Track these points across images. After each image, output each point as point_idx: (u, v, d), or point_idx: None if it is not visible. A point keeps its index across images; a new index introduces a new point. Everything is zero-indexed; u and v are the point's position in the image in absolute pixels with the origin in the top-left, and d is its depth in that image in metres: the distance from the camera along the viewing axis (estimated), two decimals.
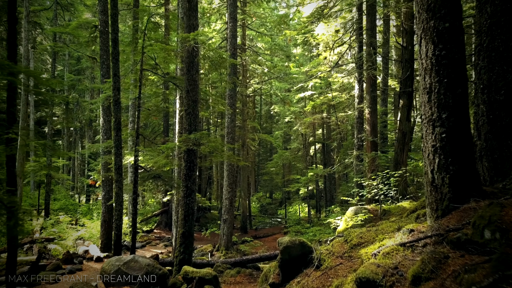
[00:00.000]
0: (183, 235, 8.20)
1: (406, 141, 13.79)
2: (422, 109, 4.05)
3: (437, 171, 3.84)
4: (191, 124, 8.51)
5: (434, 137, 3.85)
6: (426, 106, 3.94)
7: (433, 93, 3.85)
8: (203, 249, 15.27)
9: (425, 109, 3.97)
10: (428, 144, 3.94)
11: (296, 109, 26.01)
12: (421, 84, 4.05)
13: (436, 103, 3.81)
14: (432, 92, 3.85)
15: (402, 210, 9.51)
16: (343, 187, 19.94)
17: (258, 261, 9.70)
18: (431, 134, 3.89)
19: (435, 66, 3.82)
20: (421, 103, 4.08)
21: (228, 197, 15.76)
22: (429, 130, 3.91)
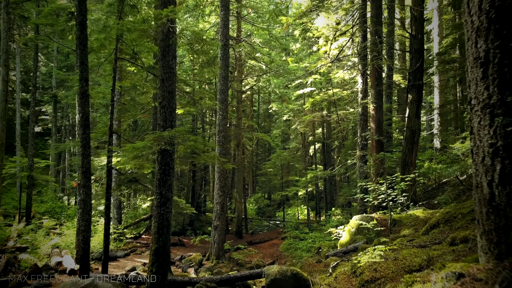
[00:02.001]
0: (156, 252, 6.85)
1: (415, 140, 12.44)
2: (472, 90, 2.71)
3: (499, 184, 2.50)
4: (166, 119, 7.18)
5: (493, 132, 2.51)
6: (479, 86, 2.60)
7: (491, 64, 2.51)
8: (191, 259, 13.93)
9: (476, 90, 2.63)
10: (483, 142, 2.60)
11: (295, 106, 24.67)
12: (470, 53, 2.72)
13: (497, 80, 2.47)
14: (490, 63, 2.51)
15: (415, 220, 8.17)
16: (345, 189, 18.62)
17: (248, 279, 8.37)
18: (487, 127, 2.55)
19: (494, 23, 2.48)
20: (470, 81, 2.74)
21: (219, 202, 14.42)
22: (485, 120, 2.57)
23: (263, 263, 15.07)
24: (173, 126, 7.21)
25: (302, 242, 17.53)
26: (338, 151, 26.95)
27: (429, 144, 23.41)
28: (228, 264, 14.22)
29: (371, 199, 9.57)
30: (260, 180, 35.80)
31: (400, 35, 20.89)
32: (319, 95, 21.40)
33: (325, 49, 18.64)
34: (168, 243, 7.04)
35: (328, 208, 24.81)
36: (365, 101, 13.16)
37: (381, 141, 12.63)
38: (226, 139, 14.53)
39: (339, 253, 7.93)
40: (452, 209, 5.78)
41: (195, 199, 26.37)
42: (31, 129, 20.00)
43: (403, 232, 7.66)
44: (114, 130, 9.73)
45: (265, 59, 22.24)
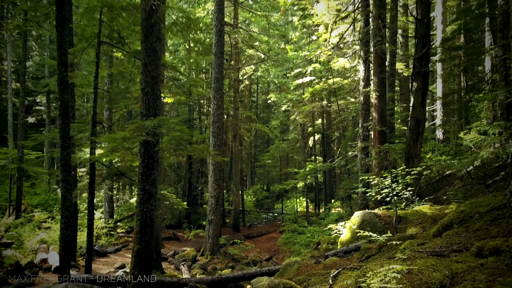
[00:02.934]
0: (139, 253, 6.24)
1: (420, 130, 11.77)
2: None
3: None
4: (150, 107, 6.50)
5: None
6: None
7: None
8: (185, 254, 13.36)
9: None
10: None
11: (294, 96, 23.91)
12: None
13: None
14: None
15: (422, 217, 7.53)
16: (345, 182, 18.00)
17: (241, 280, 7.78)
18: None
19: None
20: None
21: (214, 195, 13.81)
22: None
23: (260, 258, 14.53)
24: (157, 115, 6.54)
25: (301, 236, 16.99)
26: (338, 142, 26.30)
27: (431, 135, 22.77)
28: (223, 260, 13.68)
29: (374, 194, 8.94)
30: (259, 172, 35.21)
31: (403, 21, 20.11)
32: (319, 84, 20.66)
33: (325, 36, 17.87)
34: (151, 243, 6.42)
35: (327, 200, 24.23)
36: (367, 89, 12.46)
37: (384, 131, 11.96)
38: (221, 130, 13.86)
39: (340, 253, 7.32)
40: (467, 207, 5.14)
41: (191, 191, 25.79)
42: (21, 119, 19.31)
43: (410, 231, 7.04)
44: (98, 120, 9.07)
45: (263, 47, 21.47)
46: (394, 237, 6.58)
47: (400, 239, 6.31)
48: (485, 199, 5.12)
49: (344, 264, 6.50)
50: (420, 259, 3.46)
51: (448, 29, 17.52)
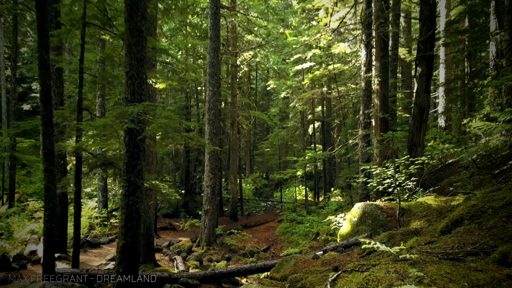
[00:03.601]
0: (124, 249, 5.82)
1: (424, 117, 11.30)
2: None
3: None
4: (134, 92, 6.00)
5: None
6: None
7: None
8: (180, 245, 13.01)
9: None
10: None
11: (293, 83, 23.32)
12: None
13: None
14: None
15: (426, 210, 7.11)
16: (345, 171, 17.58)
17: (235, 275, 7.40)
18: None
19: None
20: None
21: (210, 185, 13.39)
22: None
23: (257, 249, 14.20)
24: (143, 100, 6.05)
25: (299, 226, 16.65)
26: (338, 130, 25.82)
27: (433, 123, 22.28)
28: (220, 251, 13.34)
29: (375, 184, 8.50)
30: (258, 160, 34.79)
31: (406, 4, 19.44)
32: (319, 70, 20.07)
33: (325, 21, 17.26)
34: (138, 239, 6.00)
35: (327, 189, 23.87)
36: (369, 75, 11.92)
37: (386, 119, 11.48)
38: (217, 117, 13.37)
39: (339, 247, 6.92)
40: (479, 201, 4.70)
41: (189, 180, 25.41)
42: (12, 106, 18.80)
43: (414, 224, 6.62)
44: (84, 106, 8.57)
45: (262, 32, 20.80)
46: (397, 231, 6.17)
47: (404, 234, 5.90)
48: (499, 193, 4.66)
49: (343, 260, 6.09)
50: (431, 264, 3.02)
51: (452, 13, 16.89)
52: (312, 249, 12.85)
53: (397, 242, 5.74)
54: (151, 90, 10.36)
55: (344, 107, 20.24)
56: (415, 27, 24.49)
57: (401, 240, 5.76)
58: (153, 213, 10.54)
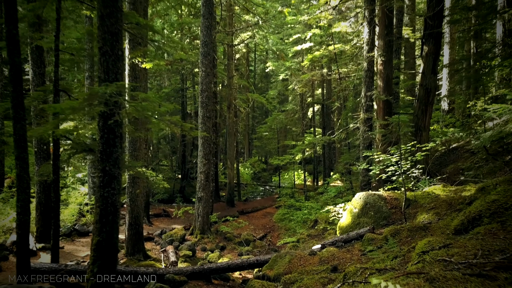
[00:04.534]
0: (99, 246, 5.22)
1: (430, 100, 10.60)
2: None
3: None
4: (109, 71, 5.29)
5: None
6: None
7: None
8: (173, 234, 12.48)
9: None
10: None
11: (292, 64, 22.47)
12: None
13: None
14: None
15: (435, 201, 6.49)
16: (345, 156, 16.96)
17: (225, 271, 6.84)
18: None
19: None
20: None
21: (203, 171, 12.78)
22: None
23: (254, 237, 13.69)
24: (119, 80, 5.34)
25: (297, 213, 16.12)
26: (338, 113, 25.11)
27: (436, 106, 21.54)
28: (214, 239, 12.84)
29: (377, 171, 7.87)
30: (256, 144, 34.14)
31: None
32: (319, 51, 19.21)
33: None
34: (115, 235, 5.40)
35: (326, 173, 23.32)
36: (372, 54, 11.16)
37: (389, 101, 10.78)
38: (210, 99, 12.66)
39: (339, 242, 6.33)
40: (501, 195, 4.08)
41: (185, 164, 24.83)
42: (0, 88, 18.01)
43: (421, 217, 6.02)
44: (62, 87, 7.86)
45: (259, 11, 19.84)
46: (403, 226, 5.57)
47: (411, 229, 5.29)
48: None
49: (343, 258, 5.51)
50: (455, 283, 2.40)
51: None
52: (310, 238, 12.34)
53: (404, 240, 5.14)
54: (137, 71, 9.64)
55: (345, 89, 19.47)
56: (419, 7, 23.51)
57: (408, 237, 5.16)
58: (141, 201, 9.95)
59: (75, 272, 6.77)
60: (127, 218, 9.78)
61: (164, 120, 5.48)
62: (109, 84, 4.87)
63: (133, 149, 9.58)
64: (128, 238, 9.76)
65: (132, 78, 9.55)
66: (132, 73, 9.54)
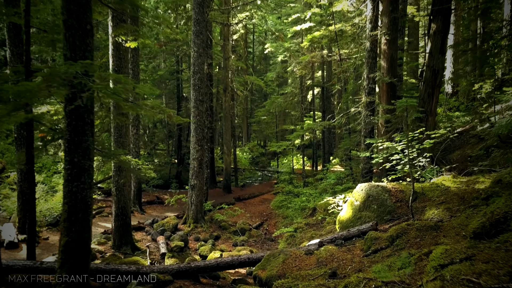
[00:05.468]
0: (67, 248, 4.62)
1: (438, 82, 9.90)
2: None
3: None
4: (75, 48, 4.59)
5: None
6: None
7: None
8: (164, 223, 11.95)
9: None
10: None
11: (291, 45, 21.59)
12: None
13: None
14: None
15: (444, 194, 5.87)
16: (346, 141, 16.30)
17: (214, 269, 6.29)
18: None
19: None
20: None
21: (196, 157, 12.16)
22: None
23: (249, 226, 13.18)
24: (89, 58, 4.65)
25: (296, 200, 15.58)
26: (339, 96, 24.34)
27: None
28: (208, 228, 12.32)
29: (381, 160, 7.24)
30: (254, 128, 33.44)
31: None
32: (319, 31, 18.33)
33: None
34: (87, 234, 4.80)
35: (326, 158, 22.72)
36: (375, 32, 10.37)
37: (393, 84, 10.07)
38: (203, 82, 11.93)
39: (338, 239, 5.74)
40: None
41: (181, 149, 24.19)
42: None
43: (430, 213, 5.42)
44: (36, 68, 7.14)
45: None
46: (411, 224, 4.97)
47: (421, 229, 4.69)
48: None
49: (343, 259, 4.93)
50: None
51: None
52: (308, 227, 11.82)
53: (412, 241, 4.54)
54: (122, 51, 8.90)
55: (346, 70, 18.68)
56: None
57: (416, 238, 4.57)
58: (128, 190, 9.36)
59: (51, 271, 6.20)
60: (113, 208, 9.21)
61: (140, 105, 4.83)
62: (72, 63, 4.18)
63: (118, 135, 8.93)
64: (115, 230, 9.21)
65: (116, 59, 8.82)
66: (116, 53, 8.80)
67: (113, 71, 8.82)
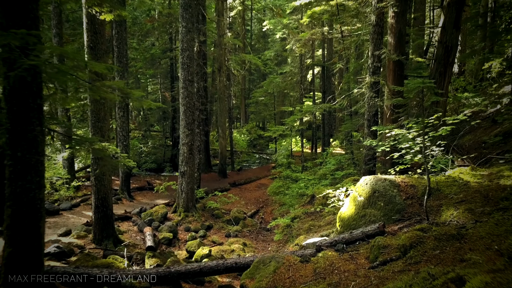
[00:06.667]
0: (11, 261, 3.82)
1: (451, 60, 8.96)
2: None
3: None
4: (13, 14, 3.67)
5: None
6: None
7: None
8: (153, 212, 11.19)
9: None
10: None
11: (290, 22, 20.41)
12: None
13: None
14: None
15: (464, 190, 5.04)
16: (347, 124, 15.42)
17: (196, 275, 5.53)
18: None
19: None
20: None
21: (186, 142, 11.31)
22: None
23: (244, 214, 12.44)
24: (34, 28, 3.72)
25: (294, 186, 14.83)
26: (340, 76, 23.31)
27: None
28: (200, 217, 11.58)
29: (388, 149, 6.37)
30: (251, 110, 32.41)
31: None
32: (319, 6, 17.16)
33: None
34: (36, 242, 3.99)
35: (325, 141, 21.86)
36: (382, 4, 9.33)
37: (401, 62, 9.11)
38: (192, 60, 10.94)
39: (339, 243, 4.95)
40: None
41: (175, 131, 23.28)
42: None
43: (448, 214, 4.59)
44: None
45: None
46: (427, 231, 4.15)
47: (440, 238, 3.87)
48: None
49: (346, 270, 4.13)
50: None
51: None
52: (306, 216, 11.08)
53: (430, 254, 3.73)
54: (97, 24, 7.91)
55: (348, 47, 17.60)
56: None
57: (435, 249, 3.75)
58: (109, 180, 8.53)
59: None
60: (92, 199, 8.41)
61: (97, 87, 3.93)
62: (3, 33, 3.26)
63: (96, 119, 8.05)
64: (95, 223, 8.44)
65: (91, 33, 7.85)
66: (91, 27, 7.82)
67: (88, 47, 7.87)
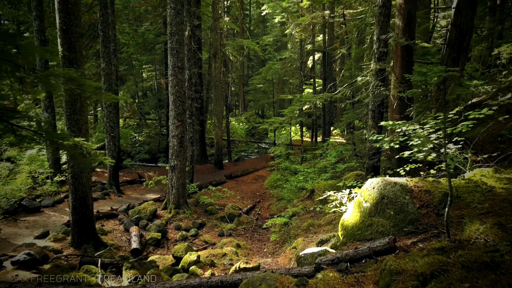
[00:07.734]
0: None
1: (465, 45, 8.07)
2: None
3: None
4: None
5: None
6: None
7: None
8: (141, 209, 10.47)
9: None
10: None
11: (290, 5, 19.39)
12: None
13: None
14: None
15: (489, 197, 4.30)
16: (349, 113, 14.58)
17: None
18: None
19: None
20: None
21: (176, 134, 10.53)
22: None
23: (239, 210, 11.74)
24: None
25: (292, 179, 14.09)
26: (341, 62, 22.37)
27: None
28: (192, 214, 10.87)
29: (397, 146, 5.58)
30: (249, 98, 31.49)
31: None
32: None
33: None
34: None
35: (326, 130, 21.03)
36: None
37: (410, 47, 8.26)
38: (182, 45, 10.06)
39: (342, 260, 4.20)
40: None
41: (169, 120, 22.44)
42: None
43: (472, 230, 3.82)
44: None
45: None
46: (451, 255, 3.40)
47: (468, 267, 3.12)
48: None
49: None
50: None
51: None
52: (305, 213, 10.37)
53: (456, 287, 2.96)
54: (71, 3, 7.04)
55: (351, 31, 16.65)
56: None
57: (463, 282, 2.99)
58: (88, 178, 7.77)
59: None
60: (70, 199, 7.67)
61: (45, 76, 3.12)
62: None
63: (71, 111, 7.24)
64: (73, 225, 7.71)
65: (64, 14, 6.99)
66: (64, 7, 6.96)
67: (60, 30, 7.01)
